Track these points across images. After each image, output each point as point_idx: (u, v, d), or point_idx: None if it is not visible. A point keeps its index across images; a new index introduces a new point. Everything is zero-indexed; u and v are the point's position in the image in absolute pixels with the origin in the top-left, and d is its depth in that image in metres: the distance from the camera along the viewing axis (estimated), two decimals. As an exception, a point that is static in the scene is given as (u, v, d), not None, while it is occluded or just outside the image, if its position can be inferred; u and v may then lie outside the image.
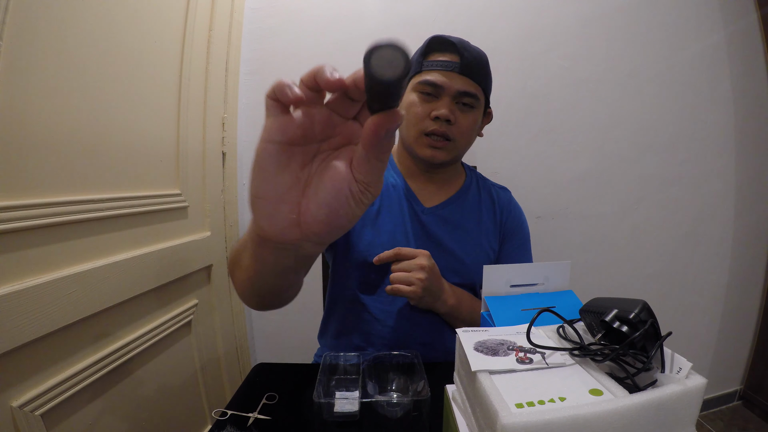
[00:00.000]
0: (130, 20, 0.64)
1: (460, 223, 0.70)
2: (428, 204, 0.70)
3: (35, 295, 0.47)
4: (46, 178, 0.50)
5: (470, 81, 0.63)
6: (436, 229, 0.69)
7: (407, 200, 0.69)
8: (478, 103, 0.65)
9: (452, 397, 0.36)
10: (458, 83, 0.62)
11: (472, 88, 0.63)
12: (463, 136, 0.66)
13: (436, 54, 0.63)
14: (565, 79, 1.15)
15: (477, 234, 0.71)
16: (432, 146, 0.64)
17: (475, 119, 0.66)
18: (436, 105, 0.62)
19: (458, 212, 0.71)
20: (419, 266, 0.58)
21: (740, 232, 1.34)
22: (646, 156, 1.23)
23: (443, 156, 0.65)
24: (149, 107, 0.70)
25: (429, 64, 0.63)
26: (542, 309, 0.36)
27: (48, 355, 0.51)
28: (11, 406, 0.45)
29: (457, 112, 0.63)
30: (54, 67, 0.51)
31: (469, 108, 0.64)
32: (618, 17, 1.15)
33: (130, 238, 0.66)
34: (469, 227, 0.71)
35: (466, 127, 0.65)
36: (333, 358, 0.50)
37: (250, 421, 0.45)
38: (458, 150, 0.67)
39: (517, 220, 0.76)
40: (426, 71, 0.63)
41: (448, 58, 0.62)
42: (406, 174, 0.72)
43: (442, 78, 0.62)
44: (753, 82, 1.27)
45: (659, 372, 0.27)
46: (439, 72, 0.62)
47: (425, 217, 0.69)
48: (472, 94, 0.63)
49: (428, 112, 0.63)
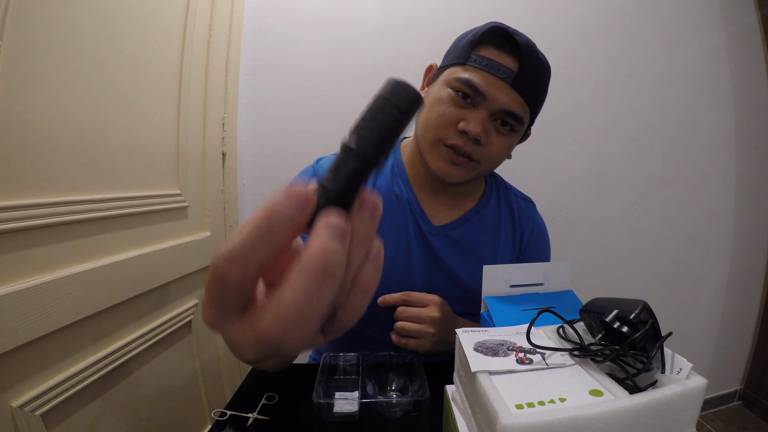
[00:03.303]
0: (131, 20, 0.64)
1: (474, 247, 0.60)
2: (438, 222, 0.60)
3: (35, 295, 0.47)
4: (46, 178, 0.50)
5: (521, 99, 0.49)
6: (445, 253, 0.58)
7: (414, 217, 0.59)
8: (520, 126, 0.52)
9: (452, 398, 0.36)
10: (506, 98, 0.49)
11: (520, 109, 0.50)
12: (491, 161, 0.54)
13: (491, 49, 0.49)
14: (565, 79, 1.15)
15: (492, 261, 0.60)
16: (450, 161, 0.52)
17: (510, 143, 0.54)
18: (469, 115, 0.49)
19: (472, 234, 0.60)
20: (430, 319, 0.50)
21: (740, 232, 1.34)
22: (646, 156, 1.23)
23: (460, 176, 0.53)
24: (149, 107, 0.70)
25: (477, 59, 0.49)
26: (542, 309, 0.36)
27: (48, 355, 0.51)
28: (11, 406, 0.45)
29: (492, 132, 0.51)
30: (54, 67, 0.51)
31: (508, 130, 0.52)
32: (618, 17, 1.15)
33: (130, 238, 0.66)
34: (484, 253, 0.60)
35: (497, 151, 0.52)
36: (333, 358, 0.50)
37: (249, 421, 0.45)
38: (480, 173, 0.55)
39: (539, 242, 0.65)
40: (471, 67, 0.49)
41: (504, 61, 0.49)
42: (415, 182, 0.60)
43: (488, 85, 0.48)
44: (753, 82, 1.27)
45: (659, 372, 0.27)
46: (487, 75, 0.48)
47: (433, 239, 0.58)
48: (517, 117, 0.50)
49: (456, 120, 0.50)
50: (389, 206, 0.59)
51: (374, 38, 1.07)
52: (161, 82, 0.73)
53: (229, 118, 0.99)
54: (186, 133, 0.81)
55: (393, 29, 1.07)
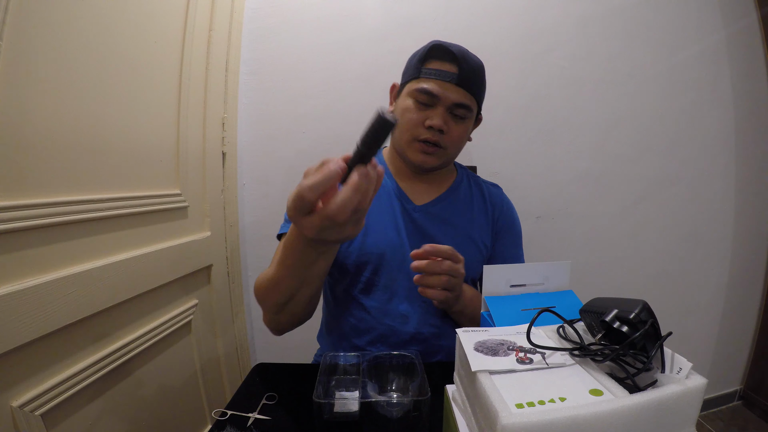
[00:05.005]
0: (131, 20, 0.64)
1: (452, 219, 0.71)
2: (419, 202, 0.71)
3: (35, 295, 0.47)
4: (46, 178, 0.50)
5: (466, 93, 0.64)
6: (428, 226, 0.70)
7: (398, 199, 0.70)
8: (471, 114, 0.66)
9: (452, 397, 0.36)
10: (454, 95, 0.63)
11: (467, 100, 0.64)
12: (454, 145, 0.68)
13: (435, 62, 0.64)
14: (565, 79, 1.15)
15: (469, 230, 0.71)
16: (424, 152, 0.65)
17: (466, 128, 0.68)
18: (431, 114, 0.63)
19: (449, 209, 0.72)
20: (462, 275, 0.56)
21: (740, 232, 1.34)
22: (646, 156, 1.23)
23: (434, 162, 0.67)
24: (149, 107, 0.70)
25: (427, 71, 0.63)
26: (542, 309, 0.36)
27: (48, 355, 0.51)
28: (11, 406, 0.45)
29: (450, 122, 0.65)
30: (54, 67, 0.51)
31: (461, 119, 0.66)
32: (618, 17, 1.15)
33: (130, 238, 0.66)
34: (461, 223, 0.71)
35: (458, 136, 0.66)
36: (333, 358, 0.50)
37: (249, 421, 0.45)
38: (449, 156, 0.69)
39: (509, 217, 0.77)
40: (424, 78, 0.64)
41: (446, 68, 0.63)
42: (396, 174, 0.73)
43: (439, 88, 0.62)
44: (753, 82, 1.27)
45: (659, 372, 0.27)
46: (437, 81, 0.63)
47: (417, 215, 0.70)
48: (466, 106, 0.64)
49: (422, 120, 0.64)
50: (378, 194, 0.69)
51: (374, 38, 1.07)
52: (161, 82, 0.73)
53: (229, 118, 0.99)
54: (186, 133, 0.81)
55: (393, 29, 1.07)
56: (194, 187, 0.86)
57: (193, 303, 0.85)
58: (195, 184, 0.86)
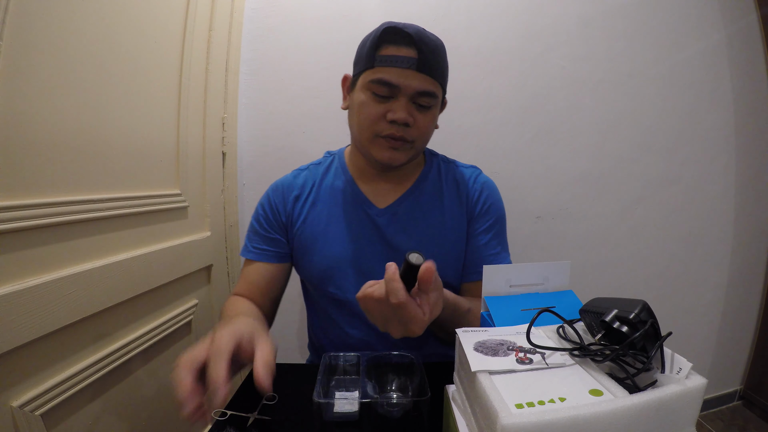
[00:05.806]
0: (130, 20, 0.64)
1: (419, 217, 0.65)
2: (382, 204, 0.65)
3: (35, 295, 0.47)
4: (46, 178, 0.50)
5: (429, 78, 0.56)
6: (392, 232, 0.64)
7: (358, 204, 0.65)
8: (436, 101, 0.59)
9: (452, 397, 0.36)
10: (416, 82, 0.55)
11: (431, 87, 0.56)
12: (423, 137, 0.61)
13: (391, 47, 0.55)
14: (565, 79, 1.15)
15: (440, 224, 0.65)
16: (391, 148, 0.59)
17: (433, 117, 0.61)
18: (392, 106, 0.56)
19: (416, 206, 0.66)
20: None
21: (740, 232, 1.34)
22: (646, 156, 1.22)
23: (402, 158, 0.60)
24: (149, 107, 0.70)
25: (382, 59, 0.55)
26: (542, 309, 0.36)
27: (48, 355, 0.51)
28: (11, 406, 0.45)
29: (415, 113, 0.57)
30: (54, 67, 0.51)
31: (426, 108, 0.58)
32: (618, 17, 1.15)
33: (130, 238, 0.66)
34: (430, 219, 0.65)
35: (425, 127, 0.59)
36: (333, 358, 0.50)
37: (249, 421, 0.45)
38: (417, 150, 0.62)
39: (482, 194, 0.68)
40: (379, 68, 0.55)
41: (404, 53, 0.55)
42: (357, 175, 0.67)
43: (398, 77, 0.54)
44: (753, 82, 1.27)
45: (659, 372, 0.27)
46: (395, 69, 0.55)
47: (380, 219, 0.64)
48: (430, 93, 0.57)
49: (383, 113, 0.56)
50: (333, 201, 0.66)
51: (374, 38, 1.07)
52: (161, 82, 0.73)
53: (229, 118, 0.99)
54: (186, 133, 0.81)
55: (393, 29, 1.07)
56: (194, 187, 0.86)
57: (193, 303, 0.85)
58: (195, 184, 0.86)
